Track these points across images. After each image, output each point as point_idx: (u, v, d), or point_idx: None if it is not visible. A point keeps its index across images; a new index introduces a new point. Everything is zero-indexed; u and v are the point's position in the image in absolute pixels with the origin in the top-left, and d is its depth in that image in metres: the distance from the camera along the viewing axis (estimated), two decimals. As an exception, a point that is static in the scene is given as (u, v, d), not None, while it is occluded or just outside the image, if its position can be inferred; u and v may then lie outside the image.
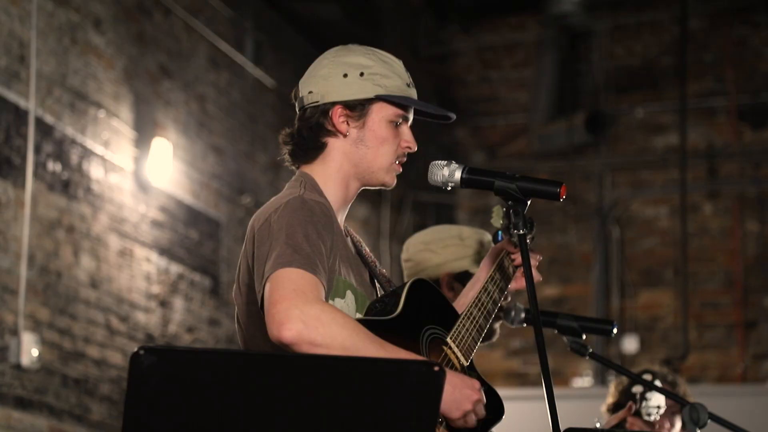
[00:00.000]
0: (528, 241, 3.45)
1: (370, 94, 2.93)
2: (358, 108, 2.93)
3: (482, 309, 3.08)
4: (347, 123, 2.94)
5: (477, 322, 3.03)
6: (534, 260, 3.19)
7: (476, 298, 3.10)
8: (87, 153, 7.08)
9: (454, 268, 3.71)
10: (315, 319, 2.58)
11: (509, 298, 3.50)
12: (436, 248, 3.76)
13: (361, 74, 2.94)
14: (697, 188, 10.71)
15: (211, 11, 8.55)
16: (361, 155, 2.95)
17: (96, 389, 7.06)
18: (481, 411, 2.76)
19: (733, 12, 10.87)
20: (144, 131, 7.61)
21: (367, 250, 3.10)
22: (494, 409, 2.91)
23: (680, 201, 10.49)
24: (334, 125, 2.94)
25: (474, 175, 2.92)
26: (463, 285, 3.68)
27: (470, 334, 2.97)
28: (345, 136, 2.94)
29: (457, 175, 2.93)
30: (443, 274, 3.71)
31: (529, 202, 2.90)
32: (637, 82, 11.10)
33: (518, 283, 3.22)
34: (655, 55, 11.10)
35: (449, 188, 2.97)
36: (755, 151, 10.69)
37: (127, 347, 7.22)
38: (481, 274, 3.22)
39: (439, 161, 2.96)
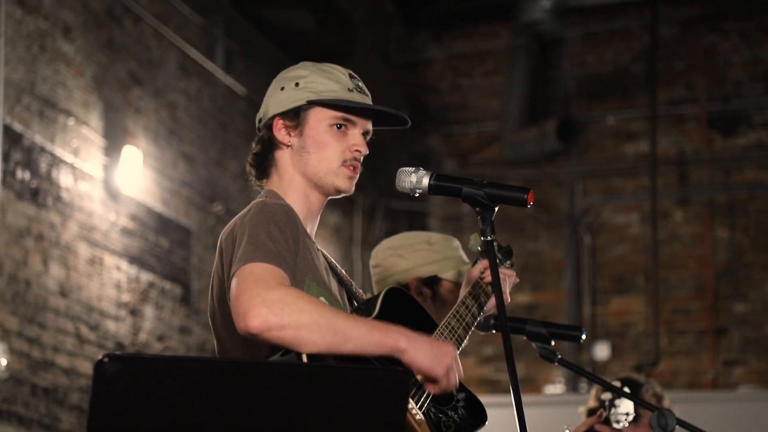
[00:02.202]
0: (508, 265, 3.45)
1: (302, 101, 2.96)
2: (293, 116, 2.97)
3: (461, 320, 3.09)
4: (288, 134, 2.98)
5: (456, 332, 3.04)
6: (504, 277, 3.19)
7: (455, 309, 3.11)
8: (56, 161, 7.04)
9: (422, 273, 3.72)
10: (279, 302, 2.57)
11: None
12: (405, 253, 3.76)
13: (296, 84, 2.98)
14: (668, 195, 10.77)
15: (181, 19, 8.52)
16: (305, 162, 2.97)
17: (65, 398, 7.02)
18: (460, 369, 2.78)
19: (703, 20, 10.93)
20: (114, 139, 7.57)
21: (342, 270, 3.10)
22: (477, 415, 2.92)
23: (651, 208, 10.54)
24: (276, 138, 2.98)
25: (442, 182, 2.92)
26: (432, 290, 3.69)
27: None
28: (288, 146, 2.98)
29: (425, 181, 2.92)
30: (412, 279, 3.71)
31: (497, 209, 2.90)
32: (608, 90, 11.15)
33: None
34: (626, 62, 11.15)
35: (417, 195, 2.96)
36: (725, 158, 10.75)
37: (97, 356, 7.16)
38: (462, 293, 3.24)
39: (407, 168, 2.95)
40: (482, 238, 2.87)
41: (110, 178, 7.51)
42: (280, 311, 2.56)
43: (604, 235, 10.97)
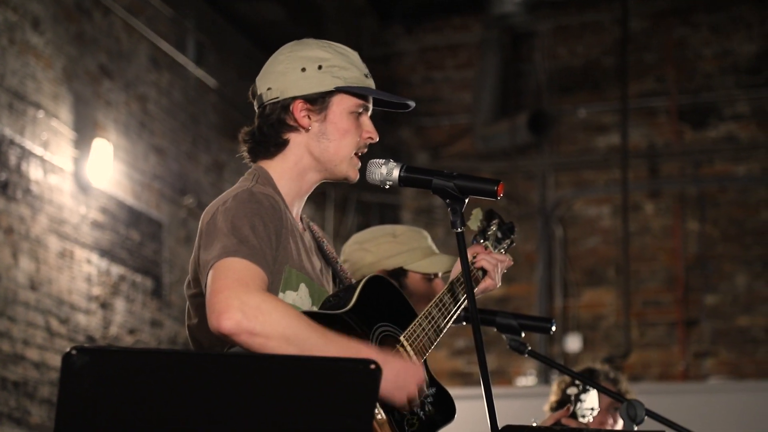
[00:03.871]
0: (506, 246, 3.43)
1: (330, 87, 2.92)
2: (318, 101, 2.92)
3: (443, 309, 3.07)
4: (309, 117, 2.92)
5: (435, 322, 3.02)
6: (497, 262, 3.19)
7: (438, 298, 3.09)
8: (26, 154, 7.00)
9: (387, 266, 3.72)
10: (254, 309, 2.57)
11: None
12: (370, 247, 3.76)
13: (320, 67, 2.93)
14: (639, 188, 10.80)
15: (151, 11, 8.48)
16: (323, 148, 2.93)
17: (36, 392, 6.98)
18: (423, 390, 2.77)
19: (674, 13, 10.97)
20: (84, 132, 7.54)
21: (330, 247, 3.09)
22: (446, 410, 2.92)
23: (622, 200, 10.57)
24: (295, 120, 2.92)
25: (412, 174, 2.92)
26: (398, 282, 3.69)
27: (426, 333, 2.96)
28: (307, 130, 2.93)
29: (395, 173, 2.92)
30: (377, 272, 3.70)
31: (467, 201, 2.90)
32: (579, 83, 11.17)
33: (485, 284, 3.22)
34: (597, 55, 11.17)
35: (387, 186, 2.96)
36: (695, 151, 10.79)
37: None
38: (451, 277, 3.23)
39: (377, 160, 2.95)
40: (454, 230, 2.87)
41: (80, 171, 7.47)
42: (254, 318, 2.56)
43: (576, 228, 11.00)
